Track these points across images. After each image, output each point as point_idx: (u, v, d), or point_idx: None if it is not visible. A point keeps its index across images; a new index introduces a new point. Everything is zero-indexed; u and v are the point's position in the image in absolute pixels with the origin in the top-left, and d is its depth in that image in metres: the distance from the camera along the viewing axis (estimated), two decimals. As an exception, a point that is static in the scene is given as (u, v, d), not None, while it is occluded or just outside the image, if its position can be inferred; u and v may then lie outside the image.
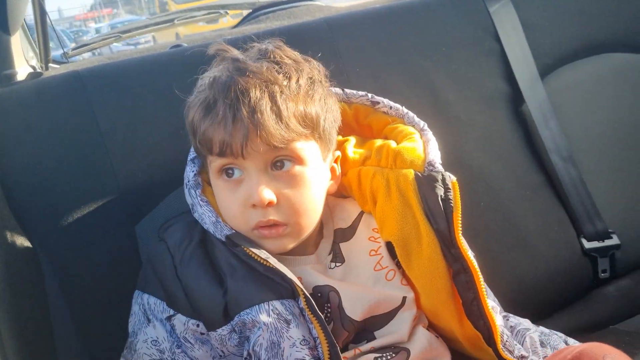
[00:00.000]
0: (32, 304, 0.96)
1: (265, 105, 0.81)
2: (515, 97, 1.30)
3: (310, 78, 0.88)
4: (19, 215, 1.01)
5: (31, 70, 1.24)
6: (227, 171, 0.86)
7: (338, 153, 0.96)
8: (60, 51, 1.73)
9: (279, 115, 0.82)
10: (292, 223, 0.86)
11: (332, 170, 0.94)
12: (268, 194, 0.83)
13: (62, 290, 1.00)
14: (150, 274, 0.89)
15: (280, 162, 0.85)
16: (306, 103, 0.85)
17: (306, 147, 0.86)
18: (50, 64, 1.60)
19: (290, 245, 0.88)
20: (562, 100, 1.32)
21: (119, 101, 1.08)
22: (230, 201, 0.86)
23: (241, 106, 0.81)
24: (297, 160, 0.85)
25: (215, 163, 0.87)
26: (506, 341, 0.88)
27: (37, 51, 1.57)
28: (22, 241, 0.99)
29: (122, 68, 1.14)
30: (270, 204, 0.84)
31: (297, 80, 0.86)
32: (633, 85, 1.37)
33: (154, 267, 0.89)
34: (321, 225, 0.95)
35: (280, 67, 0.86)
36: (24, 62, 1.26)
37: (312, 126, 0.86)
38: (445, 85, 1.25)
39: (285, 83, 0.84)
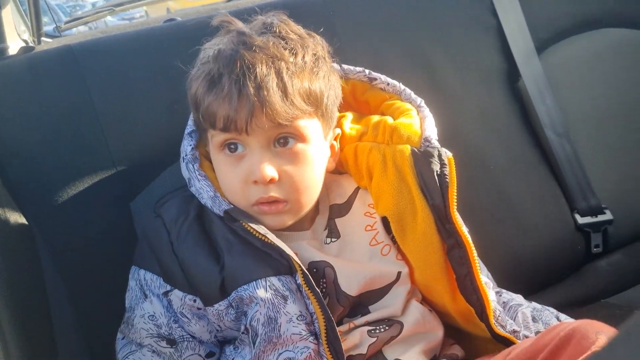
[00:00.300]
0: (28, 279, 0.96)
1: (272, 81, 0.81)
2: (512, 73, 1.29)
3: (315, 54, 0.87)
4: (12, 191, 1.00)
5: (23, 44, 1.23)
6: (229, 146, 0.86)
7: (338, 130, 0.96)
8: (53, 25, 1.71)
9: (284, 92, 0.82)
10: (293, 200, 0.86)
11: (332, 147, 0.94)
12: (270, 170, 0.83)
13: (57, 265, 1.00)
14: (146, 250, 0.90)
15: (283, 139, 0.85)
16: (311, 80, 0.85)
17: (309, 125, 0.86)
18: (42, 38, 1.58)
19: (289, 221, 0.88)
20: (558, 76, 1.32)
21: (112, 76, 1.07)
22: (231, 176, 0.86)
23: (247, 82, 0.80)
24: (300, 138, 0.85)
25: (217, 138, 0.86)
26: (498, 316, 0.89)
27: (29, 25, 1.55)
28: (17, 217, 0.99)
29: (115, 42, 1.13)
30: (272, 180, 0.84)
31: (303, 57, 0.85)
32: (629, 61, 1.37)
33: (150, 243, 0.90)
34: (317, 201, 0.95)
35: (286, 43, 0.85)
36: (16, 37, 1.25)
37: (316, 104, 0.85)
38: (442, 61, 1.25)
39: (291, 59, 0.83)
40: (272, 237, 0.84)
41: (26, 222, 1.00)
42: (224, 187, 0.88)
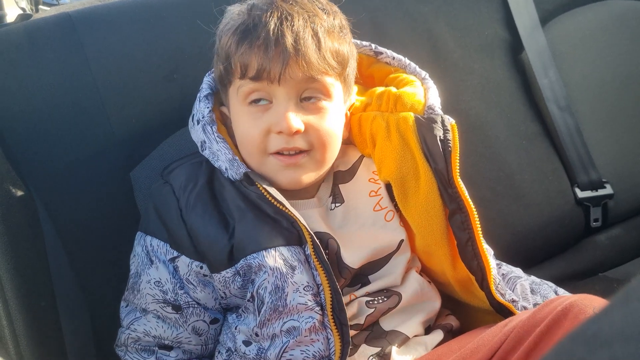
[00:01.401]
0: (30, 247, 0.96)
1: (308, 34, 0.83)
2: (515, 45, 1.28)
3: (342, 21, 0.90)
4: (13, 160, 1.00)
5: (20, 12, 1.21)
6: (254, 100, 0.87)
7: (353, 100, 0.97)
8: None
9: (319, 46, 0.84)
10: (316, 150, 0.87)
11: (346, 115, 0.95)
12: (297, 122, 0.84)
13: (58, 234, 1.00)
14: (153, 216, 0.89)
15: (309, 95, 0.86)
16: (340, 42, 0.87)
17: (335, 85, 0.88)
18: (40, 6, 1.56)
19: (305, 179, 0.88)
20: (561, 48, 1.30)
21: (111, 45, 1.06)
22: (253, 126, 0.86)
23: (285, 31, 0.82)
24: (326, 94, 0.87)
25: (244, 88, 0.86)
26: (498, 284, 0.89)
27: (26, -8, 1.53)
28: (18, 186, 0.99)
29: (114, 10, 1.11)
30: (297, 132, 0.84)
31: (334, 19, 0.88)
32: (632, 34, 1.36)
33: (158, 209, 0.89)
34: None
35: (320, 2, 0.88)
36: (13, 3, 1.23)
37: (342, 64, 0.87)
38: (444, 32, 1.23)
39: (324, 17, 0.86)
40: (288, 205, 0.84)
41: (28, 192, 1.00)
42: (240, 138, 0.88)
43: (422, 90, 0.94)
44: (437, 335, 0.91)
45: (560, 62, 1.28)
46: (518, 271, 0.98)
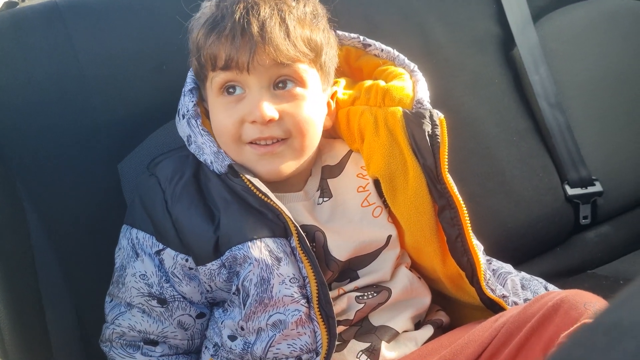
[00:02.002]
0: (14, 239, 0.95)
1: (275, 21, 0.82)
2: (506, 41, 1.28)
3: (314, 10, 0.89)
4: (-2, 151, 0.99)
5: None
6: (227, 89, 0.86)
7: (335, 88, 0.96)
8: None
9: (287, 33, 0.83)
10: (294, 137, 0.86)
11: (328, 105, 0.94)
12: (270, 110, 0.83)
13: (44, 226, 0.99)
14: (139, 209, 0.89)
15: (282, 82, 0.85)
16: (312, 30, 0.86)
17: (309, 72, 0.86)
18: (27, -5, 1.54)
19: (285, 169, 0.87)
20: (553, 45, 1.30)
21: (99, 34, 1.05)
22: (227, 116, 0.86)
23: (251, 19, 0.82)
24: (300, 81, 0.86)
25: (217, 78, 0.86)
26: (488, 279, 0.89)
27: (13, -19, 1.50)
28: (2, 176, 0.98)
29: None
30: (271, 120, 0.84)
31: (304, 7, 0.87)
32: (624, 32, 1.36)
33: (144, 201, 0.89)
34: (311, 164, 0.95)
35: None
36: (-1, -9, 1.21)
37: (316, 52, 0.86)
38: (436, 26, 1.23)
39: (293, 4, 0.85)
40: (272, 197, 0.83)
41: (12, 182, 0.99)
42: (217, 129, 0.88)
43: (410, 84, 0.93)
44: (427, 331, 0.90)
45: (551, 58, 1.28)
46: (508, 267, 0.98)
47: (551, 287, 0.95)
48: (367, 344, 0.86)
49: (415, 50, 1.13)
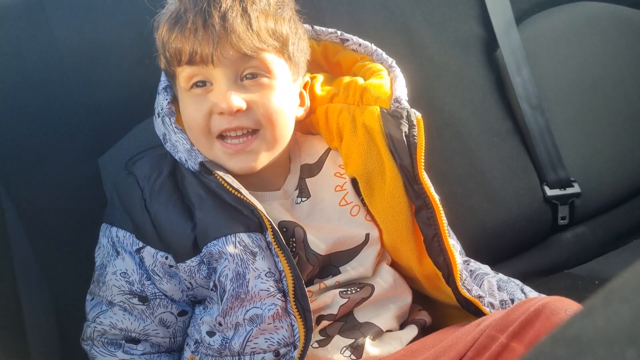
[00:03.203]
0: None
1: (237, 13, 0.82)
2: (490, 42, 1.29)
3: (280, 1, 0.88)
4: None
5: (-14, -12, 1.17)
6: (195, 83, 0.85)
7: (307, 78, 0.95)
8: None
9: (249, 24, 0.82)
10: (264, 128, 0.85)
11: (301, 95, 0.94)
12: (237, 100, 0.83)
13: (22, 222, 0.98)
14: (118, 207, 0.89)
15: (250, 73, 0.85)
16: (276, 21, 0.85)
17: (276, 62, 0.86)
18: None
19: (259, 163, 0.87)
20: (535, 48, 1.32)
21: (81, 26, 1.03)
22: (195, 109, 0.85)
23: (212, 11, 0.81)
24: (267, 72, 0.85)
25: (184, 74, 0.85)
26: (464, 280, 0.90)
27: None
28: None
29: (84, -9, 1.08)
30: (239, 110, 0.83)
31: (268, 0, 0.86)
32: (604, 36, 1.38)
33: (122, 200, 0.89)
34: (289, 161, 0.95)
35: None
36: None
37: (281, 41, 0.86)
38: (421, 26, 1.23)
39: None
40: (245, 192, 0.83)
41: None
42: (186, 123, 0.87)
43: (388, 81, 0.93)
44: (412, 331, 0.91)
45: (533, 61, 1.30)
46: (486, 268, 0.99)
47: (527, 289, 0.96)
48: (351, 340, 0.87)
49: (399, 49, 1.13)
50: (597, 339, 0.27)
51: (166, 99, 0.90)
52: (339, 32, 0.99)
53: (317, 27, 0.99)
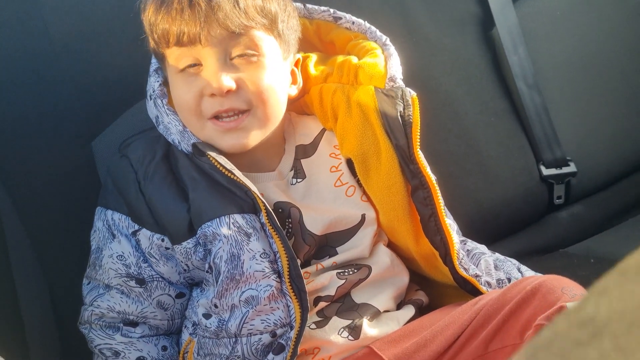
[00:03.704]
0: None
1: None
2: (486, 21, 1.27)
3: None
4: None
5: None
6: (184, 64, 0.85)
7: (299, 56, 0.94)
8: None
9: (236, 1, 0.81)
10: (256, 107, 0.85)
11: (292, 73, 0.93)
12: (227, 80, 0.82)
13: (16, 208, 0.97)
14: (112, 190, 0.88)
15: (240, 53, 0.84)
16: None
17: (265, 39, 0.85)
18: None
19: (251, 141, 0.86)
20: (531, 26, 1.30)
21: (71, 7, 1.01)
22: (186, 91, 0.85)
23: None
24: (256, 49, 0.84)
25: (173, 56, 0.85)
26: (462, 259, 0.90)
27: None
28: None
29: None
30: (229, 91, 0.82)
31: None
32: (601, 14, 1.37)
33: (117, 183, 0.88)
34: (283, 142, 0.95)
35: None
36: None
37: (270, 18, 0.85)
38: (416, 4, 1.22)
39: None
40: (238, 174, 0.83)
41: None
42: (177, 106, 0.87)
43: (382, 59, 0.92)
44: (409, 311, 0.92)
45: (530, 39, 1.29)
46: (483, 248, 0.99)
47: (524, 268, 0.97)
48: (349, 321, 0.87)
49: (395, 28, 1.12)
50: (613, 320, 0.26)
51: (157, 81, 0.89)
52: (331, 10, 0.98)
53: (309, 6, 0.98)
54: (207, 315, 0.87)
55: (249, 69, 0.84)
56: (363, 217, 0.92)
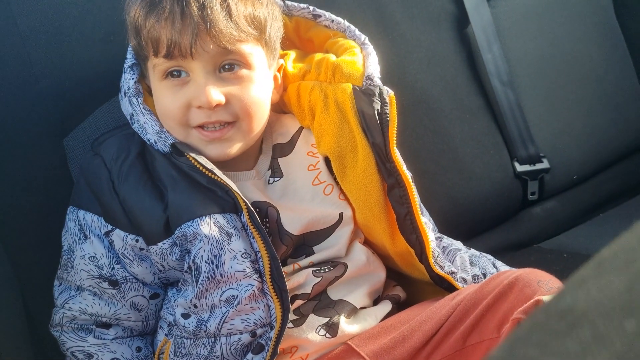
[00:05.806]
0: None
1: (215, 1, 0.79)
2: (461, 18, 1.28)
3: None
4: None
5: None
6: (172, 73, 0.83)
7: (281, 62, 0.94)
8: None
9: (229, 12, 0.80)
10: (241, 119, 0.85)
11: (275, 78, 0.93)
12: (217, 94, 0.81)
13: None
14: (85, 190, 0.87)
15: (228, 65, 0.83)
16: (254, 5, 0.84)
17: (254, 52, 0.85)
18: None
19: (234, 150, 0.86)
20: (506, 24, 1.32)
21: (41, 2, 0.99)
22: (172, 101, 0.83)
23: (191, 0, 0.78)
24: (246, 64, 0.84)
25: (160, 67, 0.83)
26: (437, 257, 0.91)
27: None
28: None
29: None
30: (218, 105, 0.82)
31: None
32: (574, 12, 1.39)
33: (89, 182, 0.86)
34: (261, 141, 0.94)
35: None
36: None
37: (260, 29, 0.84)
38: (392, 2, 1.22)
39: None
40: (219, 173, 0.82)
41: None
42: (161, 113, 0.85)
43: (361, 58, 0.92)
44: (386, 306, 0.92)
45: (504, 37, 1.30)
46: (458, 244, 1.00)
47: (499, 263, 0.98)
48: (326, 319, 0.87)
49: (371, 25, 1.12)
50: (592, 310, 0.26)
51: (132, 78, 0.87)
52: (311, 8, 0.97)
53: (289, 2, 0.98)
54: (185, 315, 0.86)
55: (238, 83, 0.83)
56: (341, 216, 0.92)
